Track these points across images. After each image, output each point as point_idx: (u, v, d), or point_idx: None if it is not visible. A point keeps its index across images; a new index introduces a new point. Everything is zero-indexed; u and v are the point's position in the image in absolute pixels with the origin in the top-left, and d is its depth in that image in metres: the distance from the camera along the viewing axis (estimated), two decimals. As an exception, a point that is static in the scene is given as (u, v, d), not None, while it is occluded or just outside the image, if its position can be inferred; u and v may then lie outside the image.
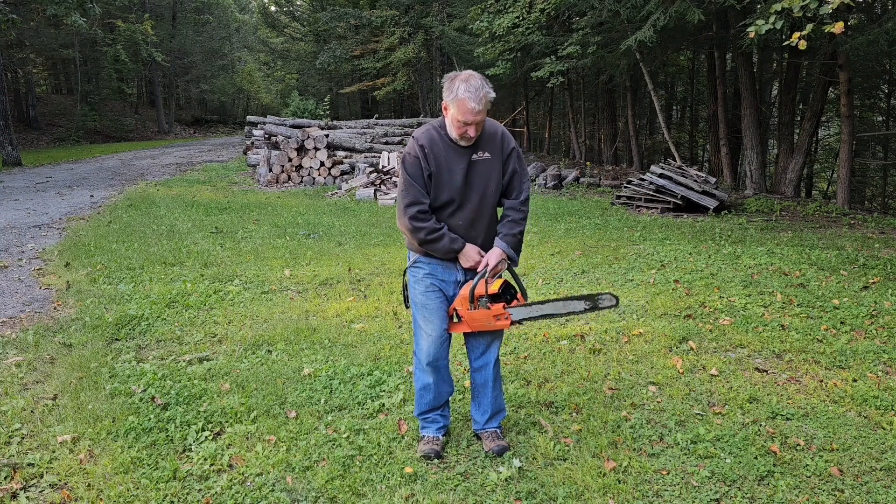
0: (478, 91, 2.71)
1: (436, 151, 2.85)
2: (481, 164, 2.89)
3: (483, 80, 2.77)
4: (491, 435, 3.13)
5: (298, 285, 6.07)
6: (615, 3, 12.54)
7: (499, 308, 2.86)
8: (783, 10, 5.67)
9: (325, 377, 3.88)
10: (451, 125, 2.83)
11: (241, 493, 2.78)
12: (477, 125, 2.78)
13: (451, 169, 2.86)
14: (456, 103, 2.73)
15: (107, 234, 8.50)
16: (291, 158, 14.93)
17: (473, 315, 2.89)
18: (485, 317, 2.88)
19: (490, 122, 2.94)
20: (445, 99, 2.78)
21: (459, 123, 2.77)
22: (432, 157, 2.85)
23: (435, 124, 2.92)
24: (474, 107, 2.70)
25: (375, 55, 28.23)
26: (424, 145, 2.85)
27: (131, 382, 3.83)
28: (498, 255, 2.89)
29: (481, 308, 2.86)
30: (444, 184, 2.87)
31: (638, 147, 19.13)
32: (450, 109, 2.78)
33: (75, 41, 29.83)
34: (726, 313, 5.03)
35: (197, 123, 45.76)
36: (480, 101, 2.71)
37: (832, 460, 3.00)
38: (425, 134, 2.89)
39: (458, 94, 2.72)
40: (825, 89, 13.59)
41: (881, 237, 8.19)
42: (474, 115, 2.72)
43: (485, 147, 2.90)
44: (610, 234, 8.59)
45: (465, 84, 2.72)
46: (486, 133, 2.91)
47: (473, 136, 2.81)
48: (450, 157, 2.86)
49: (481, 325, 2.93)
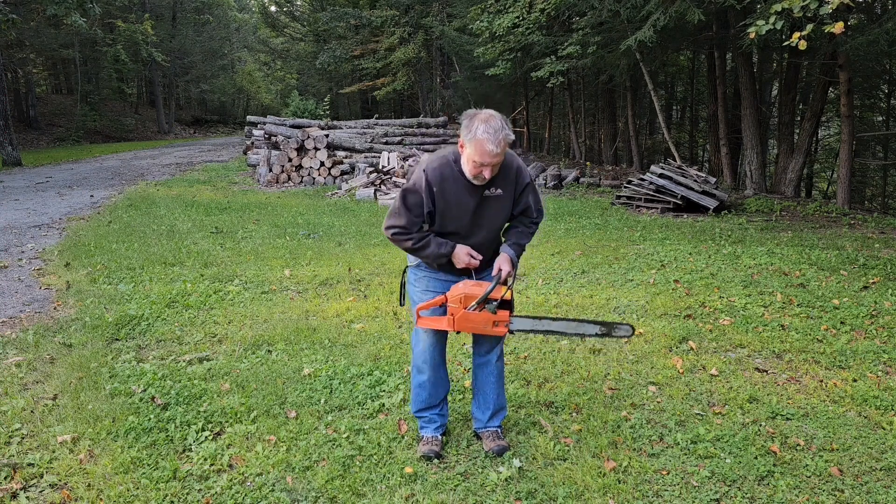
0: (497, 133, 2.60)
1: (445, 188, 2.77)
2: (493, 200, 2.83)
3: (503, 122, 2.66)
4: (491, 435, 3.13)
5: (298, 285, 6.07)
6: (615, 3, 12.54)
7: (504, 315, 2.80)
8: (783, 10, 5.67)
9: (325, 377, 3.88)
10: (465, 163, 2.74)
11: (241, 493, 2.78)
12: (493, 167, 2.69)
13: (460, 204, 2.80)
14: (473, 144, 2.62)
15: (107, 234, 8.50)
16: (291, 158, 14.94)
17: (469, 316, 2.78)
18: (483, 321, 2.79)
19: (507, 156, 2.83)
20: (463, 137, 2.68)
21: (475, 164, 2.67)
22: (440, 195, 2.77)
23: (450, 157, 2.81)
24: (492, 149, 2.60)
25: (375, 55, 28.23)
26: (433, 183, 2.76)
27: (131, 382, 3.83)
28: (509, 261, 2.86)
29: (485, 311, 2.77)
30: (452, 218, 2.82)
31: (638, 147, 19.13)
32: (466, 148, 2.69)
33: (75, 41, 29.84)
34: (726, 313, 5.03)
35: (197, 123, 45.76)
36: (499, 143, 2.61)
37: (832, 460, 3.00)
38: (437, 170, 2.78)
39: (476, 134, 2.61)
40: (825, 89, 13.58)
41: (881, 237, 8.19)
42: (491, 157, 2.62)
43: (498, 183, 2.82)
44: (610, 234, 8.59)
45: (484, 125, 2.61)
46: (501, 168, 2.79)
47: (488, 177, 2.71)
48: (460, 193, 2.79)
49: (474, 327, 2.83)
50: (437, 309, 2.93)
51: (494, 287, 2.75)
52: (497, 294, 2.75)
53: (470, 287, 2.81)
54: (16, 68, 29.85)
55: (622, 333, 2.98)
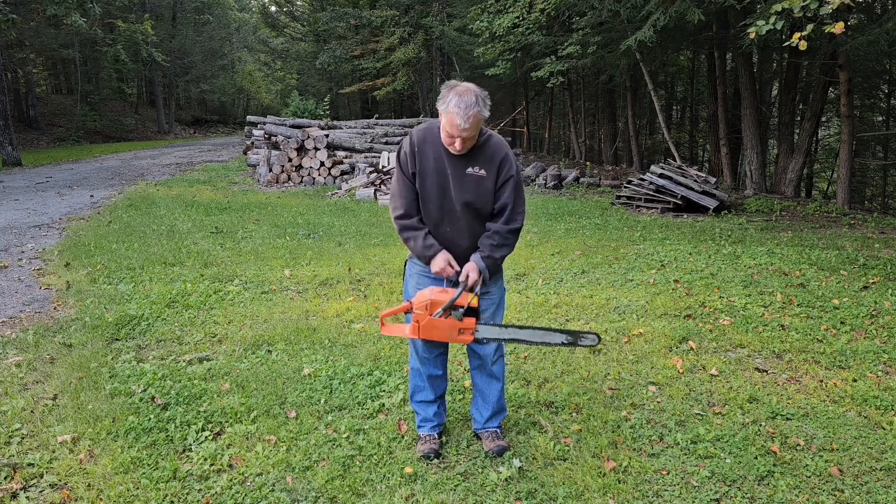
0: (468, 108, 2.63)
1: (426, 149, 2.84)
2: (475, 179, 2.83)
3: (479, 98, 2.67)
4: (491, 435, 3.12)
5: (298, 285, 6.07)
6: (615, 3, 12.55)
7: (470, 322, 2.75)
8: (783, 10, 5.67)
9: (325, 377, 3.88)
10: (442, 131, 2.80)
11: (241, 493, 2.78)
12: (463, 140, 2.72)
13: (439, 171, 2.83)
14: (446, 115, 2.69)
15: (107, 234, 8.49)
16: (291, 158, 14.94)
17: (434, 322, 2.72)
18: (449, 328, 2.74)
19: (497, 143, 2.86)
20: (438, 107, 2.73)
21: (447, 134, 2.75)
22: (420, 154, 2.84)
23: (435, 126, 2.89)
24: (460, 123, 2.64)
25: (375, 55, 28.23)
26: (416, 143, 2.86)
27: (131, 382, 3.83)
28: (476, 269, 2.81)
29: (451, 318, 2.72)
30: (431, 183, 2.84)
31: (638, 147, 19.14)
32: (441, 117, 2.75)
33: (75, 41, 29.83)
34: (726, 313, 5.03)
35: (197, 123, 45.75)
36: (469, 119, 2.63)
37: (832, 460, 3.00)
38: (422, 132, 2.89)
39: (448, 106, 2.66)
40: (825, 89, 13.59)
41: (881, 237, 8.19)
42: (459, 131, 2.66)
43: (481, 163, 2.83)
44: (610, 234, 8.59)
45: (457, 98, 2.65)
46: (488, 151, 2.83)
47: (460, 149, 2.76)
48: (441, 160, 2.83)
49: (439, 335, 2.77)
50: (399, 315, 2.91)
51: (460, 294, 2.71)
52: (463, 301, 2.72)
53: (436, 293, 2.77)
54: (16, 68, 29.85)
55: (588, 343, 2.92)
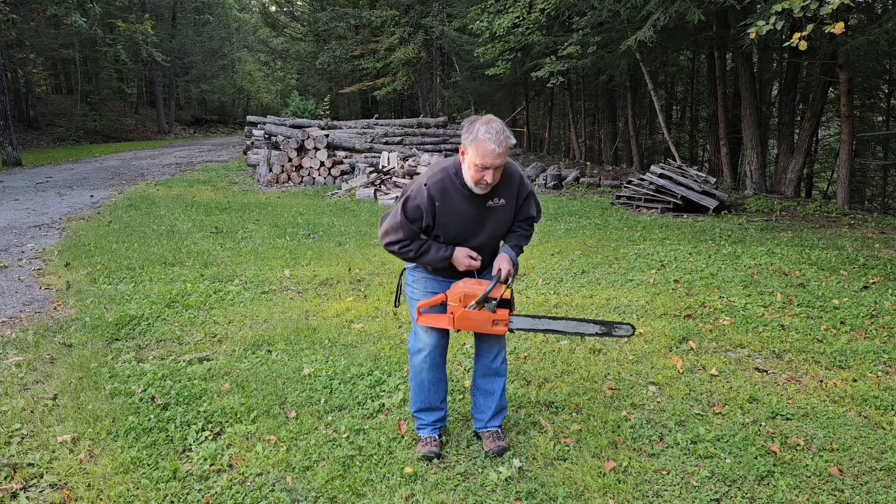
0: (499, 134, 2.57)
1: (447, 202, 2.74)
2: (497, 210, 2.82)
3: (503, 125, 2.64)
4: (491, 435, 3.12)
5: (298, 285, 6.07)
6: (615, 3, 12.55)
7: (503, 314, 2.79)
8: (783, 10, 5.67)
9: (325, 377, 3.88)
10: (467, 170, 2.71)
11: (241, 493, 2.78)
12: (495, 171, 2.64)
13: (461, 216, 2.79)
14: (475, 145, 2.59)
15: (107, 234, 8.50)
16: (291, 158, 14.94)
17: (469, 314, 2.76)
18: (484, 320, 2.78)
19: (509, 166, 2.82)
20: (464, 142, 2.65)
21: (477, 168, 2.63)
22: (442, 209, 2.75)
23: (451, 170, 2.78)
24: (494, 149, 2.56)
25: (375, 55, 28.23)
26: (435, 198, 2.73)
27: (131, 382, 3.83)
28: (509, 261, 2.86)
29: (485, 310, 2.75)
30: (456, 231, 2.82)
31: (638, 147, 19.13)
32: (468, 153, 2.65)
33: (75, 41, 29.83)
34: (726, 313, 5.03)
35: (197, 123, 45.74)
36: (501, 143, 2.57)
37: (832, 460, 3.00)
38: (439, 184, 2.74)
39: (477, 135, 2.58)
40: (825, 89, 13.59)
41: (881, 237, 8.19)
42: (493, 158, 2.58)
43: (501, 193, 2.80)
44: (610, 234, 8.59)
45: (485, 126, 2.59)
46: (504, 177, 2.78)
47: (490, 182, 2.66)
48: (462, 206, 2.77)
49: (474, 326, 2.82)
50: (436, 307, 2.92)
51: (494, 286, 2.73)
52: (496, 293, 2.74)
53: (470, 286, 2.79)
54: (16, 68, 29.84)
55: (622, 333, 2.96)
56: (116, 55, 32.23)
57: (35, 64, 33.37)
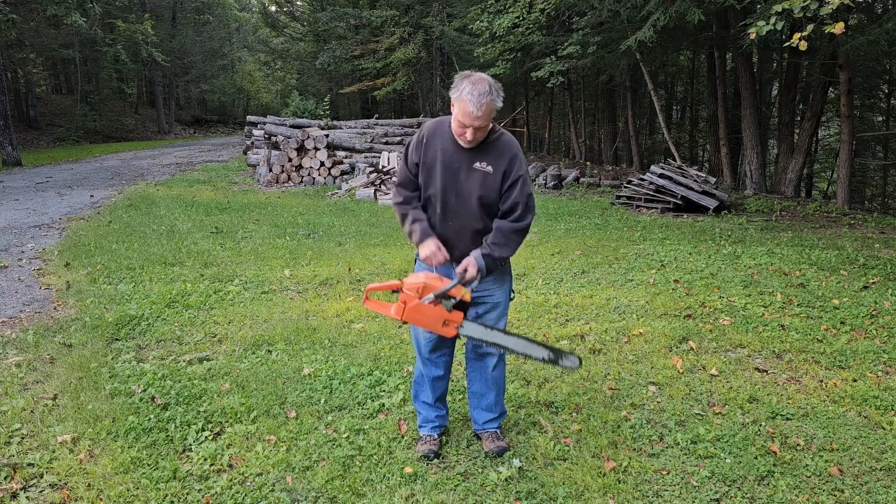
0: (481, 97, 2.63)
1: (435, 140, 2.87)
2: (480, 174, 2.80)
3: (492, 87, 2.66)
4: (491, 435, 3.12)
5: (298, 285, 6.07)
6: (615, 3, 12.55)
7: (457, 316, 2.71)
8: (783, 10, 5.67)
9: (325, 377, 3.88)
10: (453, 121, 2.80)
11: (241, 493, 2.78)
12: (475, 130, 2.71)
13: (448, 164, 2.83)
14: (458, 103, 2.69)
15: (107, 234, 8.49)
16: (291, 158, 14.94)
17: (422, 308, 2.67)
18: (436, 317, 2.70)
19: (508, 142, 2.83)
20: (451, 95, 2.74)
21: (458, 124, 2.74)
22: (429, 145, 2.87)
23: (447, 121, 2.91)
24: (473, 111, 2.64)
25: (375, 55, 28.22)
26: (426, 136, 2.89)
27: (131, 382, 3.83)
28: (474, 265, 2.73)
29: (440, 307, 2.68)
30: (436, 173, 2.84)
31: (638, 147, 19.13)
32: (453, 106, 2.75)
33: (75, 41, 29.82)
34: (726, 313, 5.03)
35: (197, 123, 45.74)
36: (481, 107, 2.63)
37: (832, 460, 3.00)
38: (434, 125, 2.92)
39: (462, 94, 2.67)
40: (825, 89, 13.59)
41: (881, 237, 8.19)
42: (472, 119, 2.66)
43: (490, 159, 2.80)
44: (610, 234, 8.59)
45: (471, 86, 2.66)
46: (498, 149, 2.81)
47: (471, 139, 2.75)
48: (448, 150, 2.84)
49: (423, 321, 2.72)
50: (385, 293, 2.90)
51: (456, 284, 2.69)
52: (457, 293, 2.69)
53: (431, 278, 2.73)
54: (16, 68, 29.83)
55: (569, 364, 2.87)
56: (116, 55, 32.22)
57: (35, 64, 33.36)
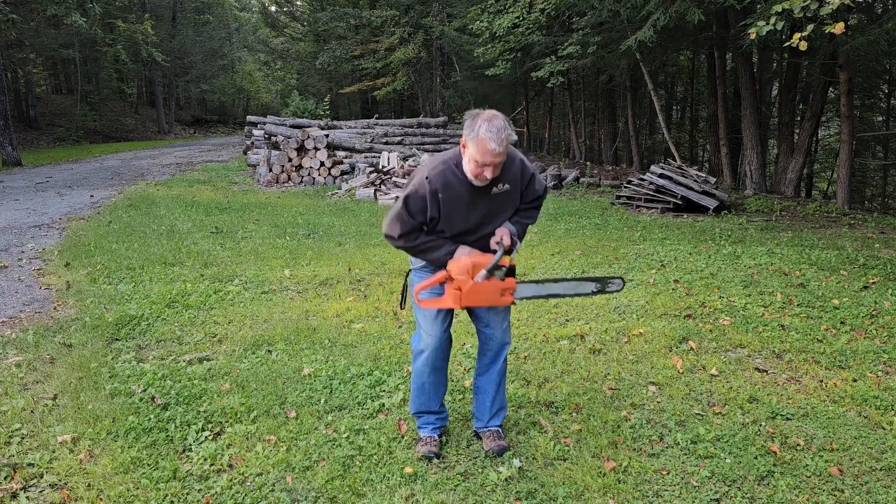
0: (500, 132, 2.58)
1: (450, 193, 2.74)
2: (502, 196, 2.81)
3: (506, 122, 2.65)
4: (491, 435, 3.12)
5: (298, 285, 6.07)
6: (615, 3, 12.55)
7: (511, 282, 2.77)
8: (784, 10, 5.67)
9: (325, 377, 3.88)
10: (467, 164, 2.71)
11: (241, 493, 2.78)
12: (495, 167, 2.65)
13: (468, 208, 2.78)
14: (476, 143, 2.59)
15: (107, 234, 8.50)
16: (291, 158, 14.94)
17: (479, 287, 2.71)
18: (494, 289, 2.74)
19: (509, 153, 2.80)
20: (465, 137, 2.66)
21: (476, 164, 2.63)
22: (445, 201, 2.74)
23: (451, 162, 2.78)
24: (494, 148, 2.57)
25: (375, 55, 28.23)
26: (438, 190, 2.73)
27: (131, 382, 3.83)
28: (508, 233, 2.83)
29: (494, 279, 2.72)
30: (461, 220, 2.80)
31: (638, 147, 19.13)
32: (469, 148, 2.66)
33: (75, 41, 29.83)
34: (726, 313, 5.03)
35: (197, 123, 45.74)
36: (501, 142, 2.58)
37: (832, 460, 3.00)
38: (440, 176, 2.74)
39: (479, 133, 2.58)
40: (825, 89, 13.59)
41: (881, 237, 8.19)
42: (493, 156, 2.59)
43: (505, 179, 2.79)
44: (610, 234, 8.59)
45: (487, 124, 2.59)
46: (506, 164, 2.78)
47: (489, 178, 2.67)
48: (466, 196, 2.76)
49: (485, 298, 2.76)
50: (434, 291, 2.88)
51: (502, 254, 2.73)
52: (504, 262, 2.75)
53: (475, 257, 2.75)
54: (16, 68, 29.83)
55: (614, 288, 3.16)
56: (116, 55, 32.23)
57: (35, 64, 33.37)
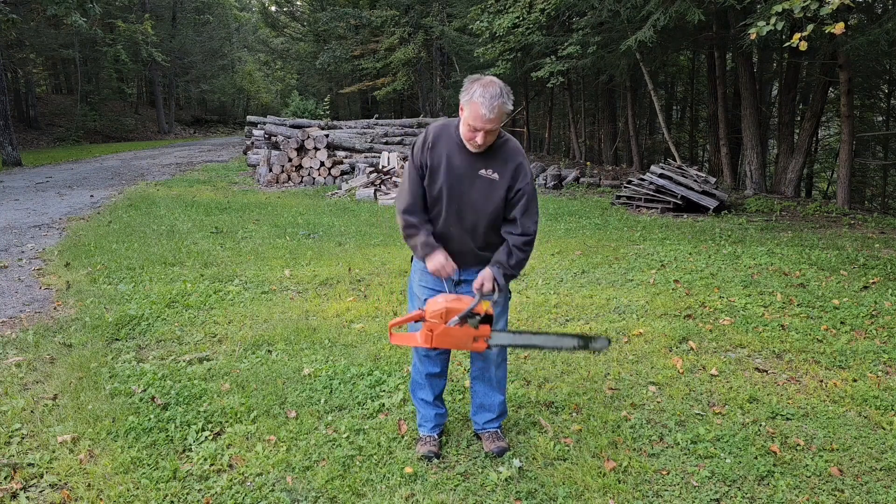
0: (493, 99, 2.59)
1: (440, 144, 2.81)
2: (486, 182, 2.78)
3: (503, 90, 2.64)
4: (491, 435, 3.12)
5: (298, 285, 6.07)
6: (615, 3, 12.55)
7: (485, 330, 2.71)
8: (784, 10, 5.67)
9: (325, 377, 3.88)
10: (462, 126, 2.75)
11: (241, 493, 2.78)
12: (486, 133, 2.66)
13: (451, 166, 2.78)
14: (469, 106, 2.63)
15: (107, 234, 8.49)
16: (291, 158, 14.94)
17: (450, 331, 2.67)
18: (465, 336, 2.70)
19: (514, 148, 2.82)
20: (461, 99, 2.69)
21: (469, 127, 2.67)
22: (434, 149, 2.81)
23: (452, 124, 2.85)
24: (485, 114, 2.59)
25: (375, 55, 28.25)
26: (432, 138, 2.82)
27: (131, 382, 3.83)
28: (490, 278, 2.75)
29: (466, 326, 2.68)
30: (441, 179, 2.79)
31: (638, 147, 19.13)
32: (463, 111, 2.70)
33: (75, 41, 29.82)
34: (726, 313, 5.03)
35: (197, 123, 45.74)
36: (493, 109, 2.59)
37: (832, 460, 3.00)
38: (439, 128, 2.86)
39: (473, 97, 2.61)
40: (825, 89, 13.59)
41: (881, 237, 8.19)
42: (483, 122, 2.61)
43: (496, 167, 2.78)
44: (610, 234, 8.59)
45: (482, 89, 2.61)
46: (503, 155, 2.78)
47: (481, 143, 2.70)
48: (453, 154, 2.79)
49: (455, 343, 2.73)
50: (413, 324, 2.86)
51: (478, 301, 2.68)
52: (480, 309, 2.68)
53: (451, 301, 2.71)
54: (16, 68, 29.83)
55: (599, 346, 2.93)
56: (116, 55, 32.22)
57: (35, 64, 33.36)
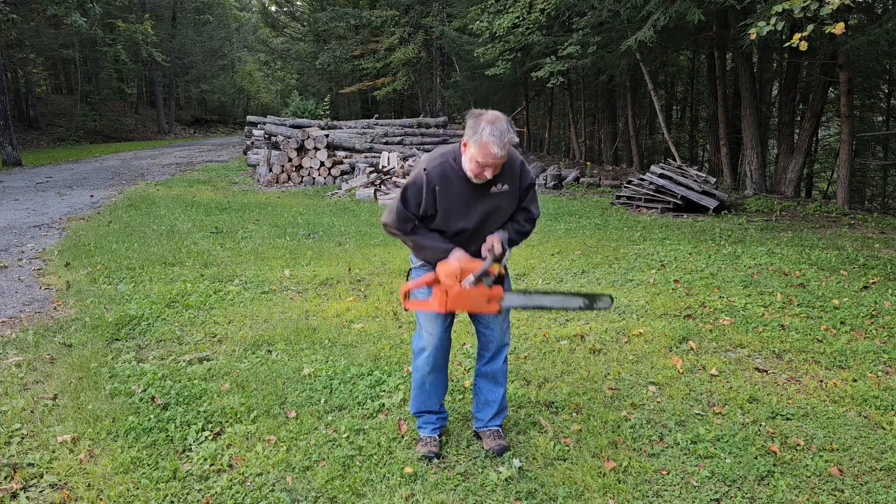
0: (503, 136, 2.59)
1: (448, 188, 2.75)
2: (499, 196, 2.82)
3: (508, 124, 2.66)
4: (491, 434, 3.12)
5: (298, 285, 6.07)
6: (615, 3, 12.55)
7: (499, 290, 2.78)
8: (784, 10, 5.67)
9: (325, 377, 3.88)
10: (468, 163, 2.71)
11: (241, 493, 2.78)
12: (495, 168, 2.68)
13: (466, 203, 2.78)
14: (479, 145, 2.60)
15: (107, 234, 8.50)
16: (291, 158, 14.94)
17: (466, 293, 2.71)
18: (480, 296, 2.75)
19: (510, 155, 2.81)
20: (468, 137, 2.66)
21: (478, 165, 2.65)
22: (443, 195, 2.75)
23: (450, 156, 2.79)
24: (497, 152, 2.59)
25: (375, 55, 28.25)
26: (435, 184, 2.74)
27: (131, 382, 3.83)
28: (499, 240, 2.81)
29: (481, 286, 2.72)
30: (458, 217, 2.80)
31: (638, 147, 19.13)
32: (470, 148, 2.66)
33: (75, 41, 29.83)
34: (726, 313, 5.03)
35: (197, 123, 45.74)
36: (504, 146, 2.60)
37: (832, 460, 3.00)
38: (438, 168, 2.76)
39: (482, 136, 2.58)
40: (825, 89, 13.59)
41: (881, 237, 8.19)
42: (495, 159, 2.61)
43: (504, 179, 2.80)
44: (610, 234, 8.59)
45: (490, 127, 2.59)
46: (506, 164, 2.78)
47: (489, 177, 2.70)
48: (464, 192, 2.77)
49: (470, 305, 2.80)
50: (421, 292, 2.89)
51: (491, 262, 2.73)
52: (493, 270, 2.74)
53: (465, 262, 2.75)
54: (16, 68, 29.83)
55: (603, 305, 3.04)
56: (116, 55, 32.23)
57: (35, 64, 33.36)
